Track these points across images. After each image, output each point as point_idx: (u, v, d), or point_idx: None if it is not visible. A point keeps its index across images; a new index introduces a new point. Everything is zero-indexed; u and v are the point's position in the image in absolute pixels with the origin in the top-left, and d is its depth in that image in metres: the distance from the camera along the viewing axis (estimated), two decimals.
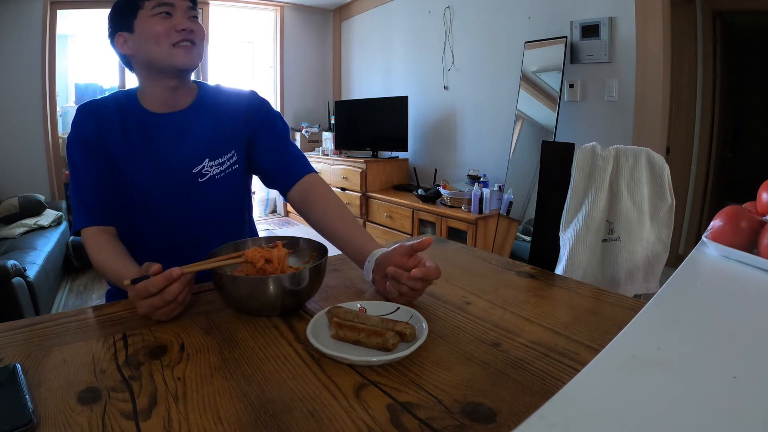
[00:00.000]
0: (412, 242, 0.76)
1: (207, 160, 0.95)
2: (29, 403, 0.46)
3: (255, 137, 1.01)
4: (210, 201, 0.97)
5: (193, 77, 0.98)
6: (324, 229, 0.93)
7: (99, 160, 0.91)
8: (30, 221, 2.96)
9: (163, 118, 0.94)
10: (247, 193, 1.08)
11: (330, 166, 4.16)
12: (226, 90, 1.03)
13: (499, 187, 2.94)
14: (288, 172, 1.00)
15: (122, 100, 0.95)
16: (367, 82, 4.58)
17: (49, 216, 3.10)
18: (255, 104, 1.02)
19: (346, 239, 0.89)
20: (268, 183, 1.04)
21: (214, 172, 0.96)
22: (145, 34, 0.87)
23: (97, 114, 0.92)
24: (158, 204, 0.94)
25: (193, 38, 0.89)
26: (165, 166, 0.93)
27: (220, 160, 0.97)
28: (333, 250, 0.85)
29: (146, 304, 0.66)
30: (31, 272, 2.12)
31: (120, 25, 0.89)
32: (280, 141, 1.02)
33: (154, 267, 0.67)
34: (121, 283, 0.76)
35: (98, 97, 0.97)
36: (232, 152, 0.98)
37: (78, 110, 0.93)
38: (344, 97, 4.88)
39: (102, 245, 0.86)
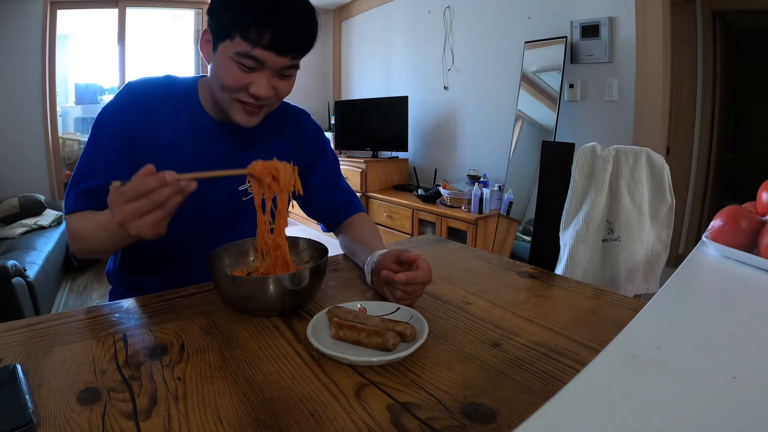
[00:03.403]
0: (402, 250, 0.75)
1: None
2: (29, 403, 0.46)
3: (308, 169, 0.97)
4: (247, 219, 0.91)
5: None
6: (346, 247, 0.97)
7: (131, 155, 0.81)
8: (30, 221, 2.96)
9: (223, 128, 0.87)
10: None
11: None
12: (288, 108, 0.98)
13: (499, 187, 2.94)
14: (337, 213, 1.00)
15: (180, 95, 0.85)
16: (367, 82, 4.58)
17: (49, 216, 3.10)
18: (313, 133, 0.98)
19: (359, 250, 0.90)
20: (311, 215, 1.02)
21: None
22: (216, 68, 0.76)
23: (149, 105, 0.82)
24: (191, 212, 0.82)
25: (266, 105, 0.79)
26: (211, 179, 0.82)
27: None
28: (333, 251, 0.85)
29: (131, 207, 0.58)
30: (31, 272, 2.12)
31: (211, 26, 0.76)
32: (331, 177, 1.00)
33: (148, 167, 0.59)
34: (106, 226, 0.69)
35: (154, 79, 0.86)
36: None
37: (128, 91, 0.83)
38: (344, 97, 4.88)
39: (87, 213, 0.80)
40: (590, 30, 2.52)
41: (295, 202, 1.03)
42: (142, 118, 0.82)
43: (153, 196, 0.58)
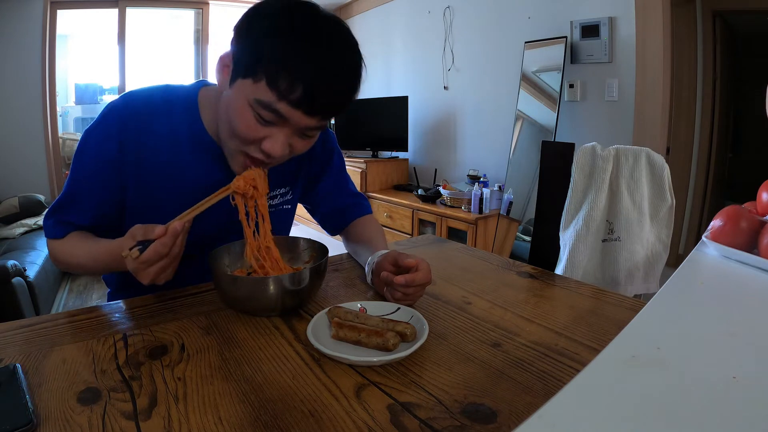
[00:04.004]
0: (401, 254, 0.76)
1: None
2: (29, 403, 0.46)
3: (316, 178, 0.95)
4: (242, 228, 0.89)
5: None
6: (350, 247, 0.96)
7: (121, 177, 0.75)
8: (30, 221, 2.96)
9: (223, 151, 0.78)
10: (290, 225, 0.97)
11: None
12: None
13: (499, 187, 2.94)
14: (343, 216, 0.98)
15: (178, 108, 0.76)
16: (367, 82, 4.54)
17: None
18: (321, 139, 0.91)
19: (361, 250, 0.90)
20: (317, 218, 1.01)
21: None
22: (229, 107, 0.65)
23: (140, 121, 0.74)
24: (193, 227, 0.77)
25: (273, 164, 0.71)
26: (213, 193, 0.78)
27: (272, 193, 0.85)
28: (333, 251, 0.85)
29: (156, 269, 0.62)
30: (31, 272, 2.12)
31: (234, 52, 0.65)
32: (339, 180, 0.98)
33: (158, 229, 0.60)
34: (111, 259, 0.69)
35: (145, 90, 0.77)
36: (287, 188, 0.89)
37: (116, 112, 0.74)
38: None
39: (71, 239, 0.77)
40: (590, 30, 2.52)
41: (301, 205, 1.02)
42: (132, 140, 0.74)
43: (172, 251, 0.62)
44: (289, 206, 0.93)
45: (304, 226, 4.36)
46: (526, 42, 2.83)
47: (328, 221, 1.01)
